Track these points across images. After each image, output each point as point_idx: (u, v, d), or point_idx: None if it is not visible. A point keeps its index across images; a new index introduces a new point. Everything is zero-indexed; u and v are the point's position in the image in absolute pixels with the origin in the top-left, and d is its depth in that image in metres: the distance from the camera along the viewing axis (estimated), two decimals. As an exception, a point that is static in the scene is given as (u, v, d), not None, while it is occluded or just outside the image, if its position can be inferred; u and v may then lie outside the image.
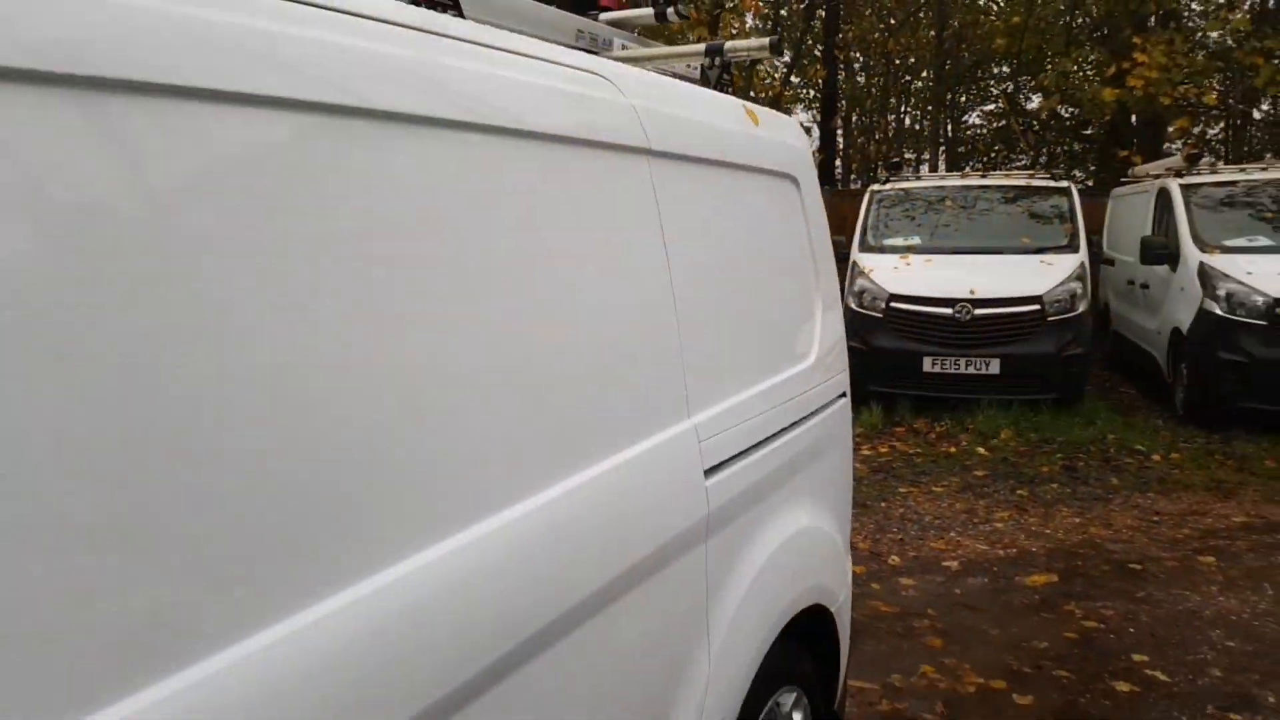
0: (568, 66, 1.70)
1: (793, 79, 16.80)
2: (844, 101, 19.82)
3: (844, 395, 2.79)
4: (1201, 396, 7.97)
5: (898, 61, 20.12)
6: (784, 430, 2.32)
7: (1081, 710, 3.59)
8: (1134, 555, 5.26)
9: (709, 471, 1.95)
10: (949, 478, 6.75)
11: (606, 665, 1.63)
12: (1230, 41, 13.18)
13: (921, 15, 17.96)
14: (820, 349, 2.61)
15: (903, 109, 22.95)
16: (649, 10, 2.76)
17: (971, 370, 8.28)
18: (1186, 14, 15.47)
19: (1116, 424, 8.06)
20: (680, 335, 1.91)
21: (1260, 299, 7.65)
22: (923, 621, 4.37)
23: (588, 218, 1.67)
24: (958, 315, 8.23)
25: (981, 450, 7.42)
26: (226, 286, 1.02)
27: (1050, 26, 15.23)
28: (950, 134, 22.71)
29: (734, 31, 15.42)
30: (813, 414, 2.52)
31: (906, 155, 22.42)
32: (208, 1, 1.03)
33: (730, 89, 2.56)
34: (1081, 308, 8.43)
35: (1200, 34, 14.57)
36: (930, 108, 21.84)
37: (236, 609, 1.01)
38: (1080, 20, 14.66)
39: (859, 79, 20.81)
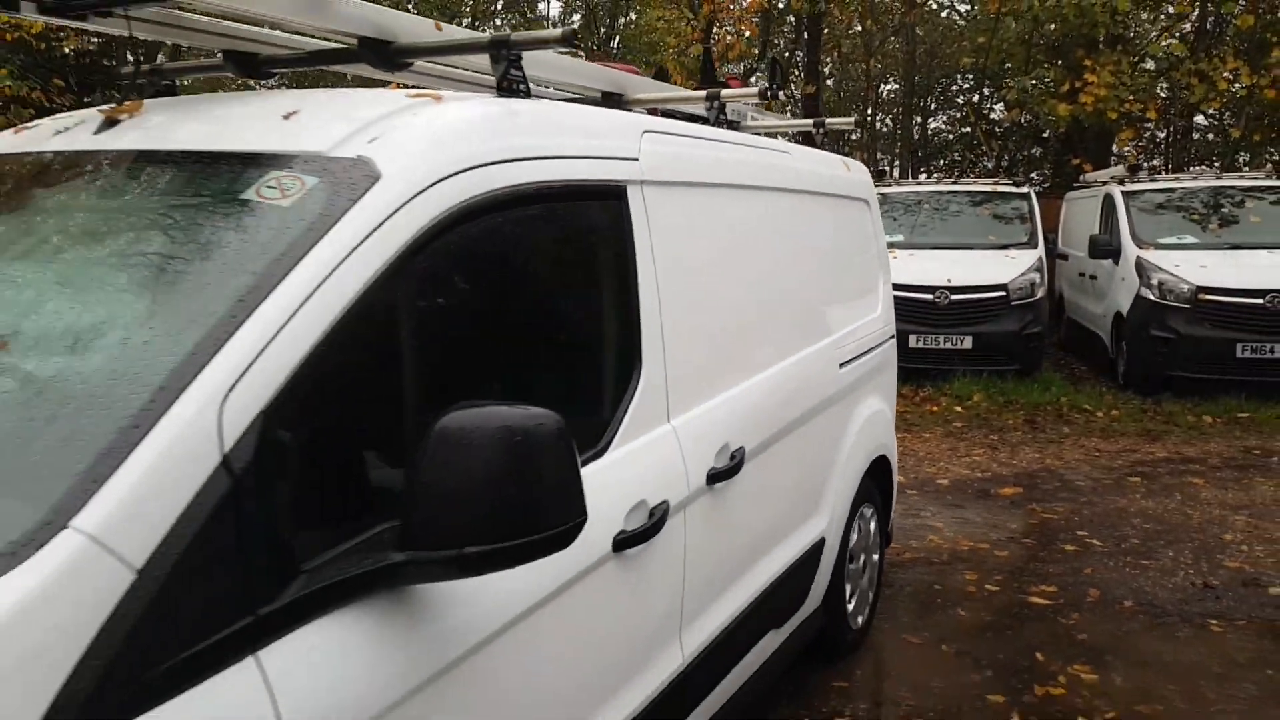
0: (828, 158, 3.38)
1: (781, 95, 18.51)
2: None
3: (893, 336, 4.41)
4: (1138, 367, 9.70)
5: (871, 73, 21.88)
6: (868, 351, 3.95)
7: (1040, 559, 5.24)
8: (1080, 477, 6.95)
9: (841, 365, 3.57)
10: (934, 427, 8.41)
11: (804, 454, 3.25)
12: (1169, 64, 14.95)
13: (894, 37, 19.72)
14: (882, 306, 4.24)
15: (875, 116, 24.71)
16: (754, 89, 4.34)
17: (948, 346, 9.97)
18: (1133, 34, 17.25)
19: (1068, 390, 9.77)
20: (829, 291, 3.53)
21: (1186, 286, 9.37)
22: (925, 514, 6.01)
23: (820, 224, 3.33)
24: (937, 300, 9.90)
25: (959, 409, 9.09)
26: (731, 263, 2.62)
27: (1012, 46, 16.98)
28: (918, 138, 24.48)
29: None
30: (879, 345, 4.15)
31: (878, 156, 24.16)
32: (730, 152, 2.64)
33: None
34: (1040, 294, 10.16)
35: (1143, 56, 16.37)
36: (900, 115, 23.60)
37: (788, 347, 2.62)
38: (1039, 41, 16.39)
39: (831, 87, 22.53)
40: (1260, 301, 9.07)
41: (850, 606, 3.91)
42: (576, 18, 28.11)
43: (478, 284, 1.97)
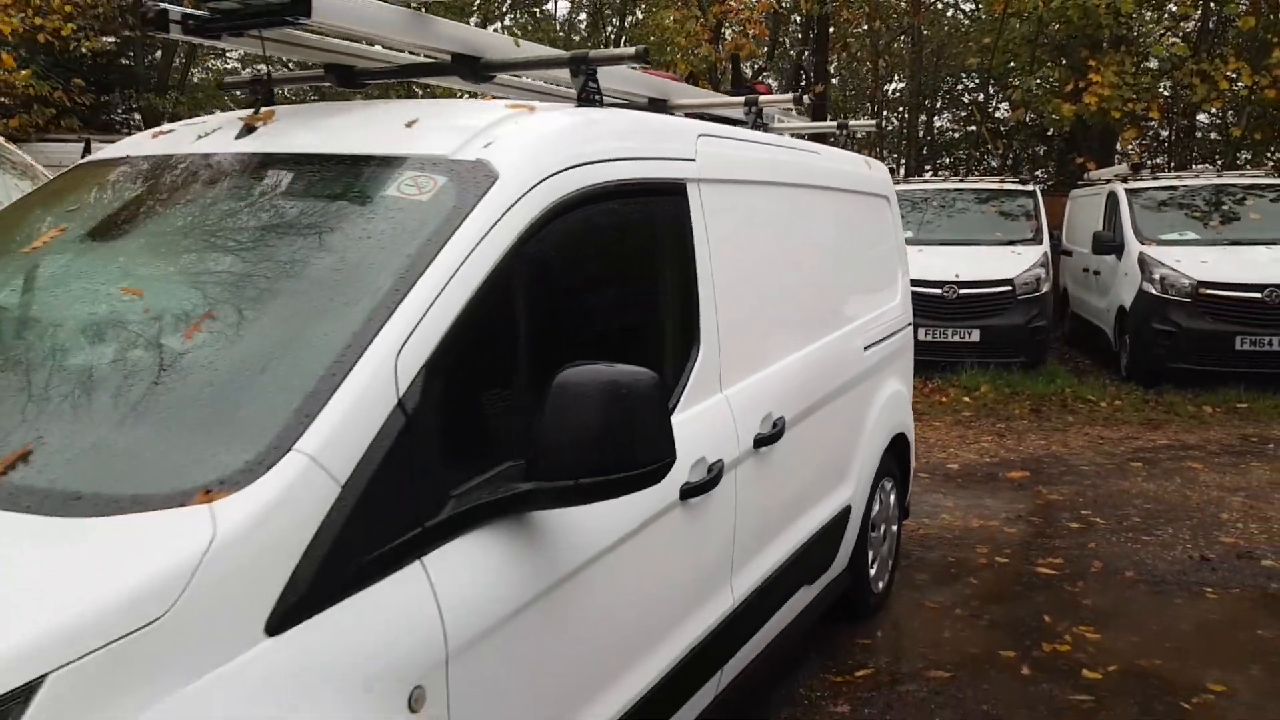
0: (853, 158, 3.72)
1: (806, 99, 18.89)
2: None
3: (910, 324, 4.74)
4: (1140, 359, 10.02)
5: (879, 73, 22.19)
6: (888, 336, 4.28)
7: (1047, 535, 5.58)
8: (1084, 462, 7.28)
9: (865, 348, 3.91)
10: (944, 416, 8.75)
11: (834, 428, 3.59)
12: (1171, 64, 15.24)
13: (901, 37, 20.04)
14: (901, 295, 4.58)
15: (882, 114, 25.01)
16: (788, 96, 4.68)
17: (957, 339, 10.30)
18: (1137, 34, 17.52)
19: (1073, 381, 10.10)
20: (854, 279, 3.87)
21: (1186, 281, 9.68)
22: (939, 495, 6.34)
23: (846, 218, 3.67)
24: (945, 294, 10.23)
25: (967, 399, 9.42)
26: (771, 252, 2.97)
27: (1017, 46, 17.29)
28: (924, 136, 24.79)
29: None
30: (898, 331, 4.48)
31: (884, 154, 24.46)
32: (770, 153, 2.98)
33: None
34: (1045, 289, 10.50)
35: (1146, 56, 16.67)
36: (906, 113, 23.91)
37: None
38: (1044, 41, 16.70)
39: (837, 86, 22.83)
40: (1259, 296, 9.38)
41: (873, 571, 4.25)
42: (583, 16, 28.50)
43: (573, 266, 2.31)
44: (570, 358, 1.92)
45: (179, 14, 2.44)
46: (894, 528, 4.56)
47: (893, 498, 4.45)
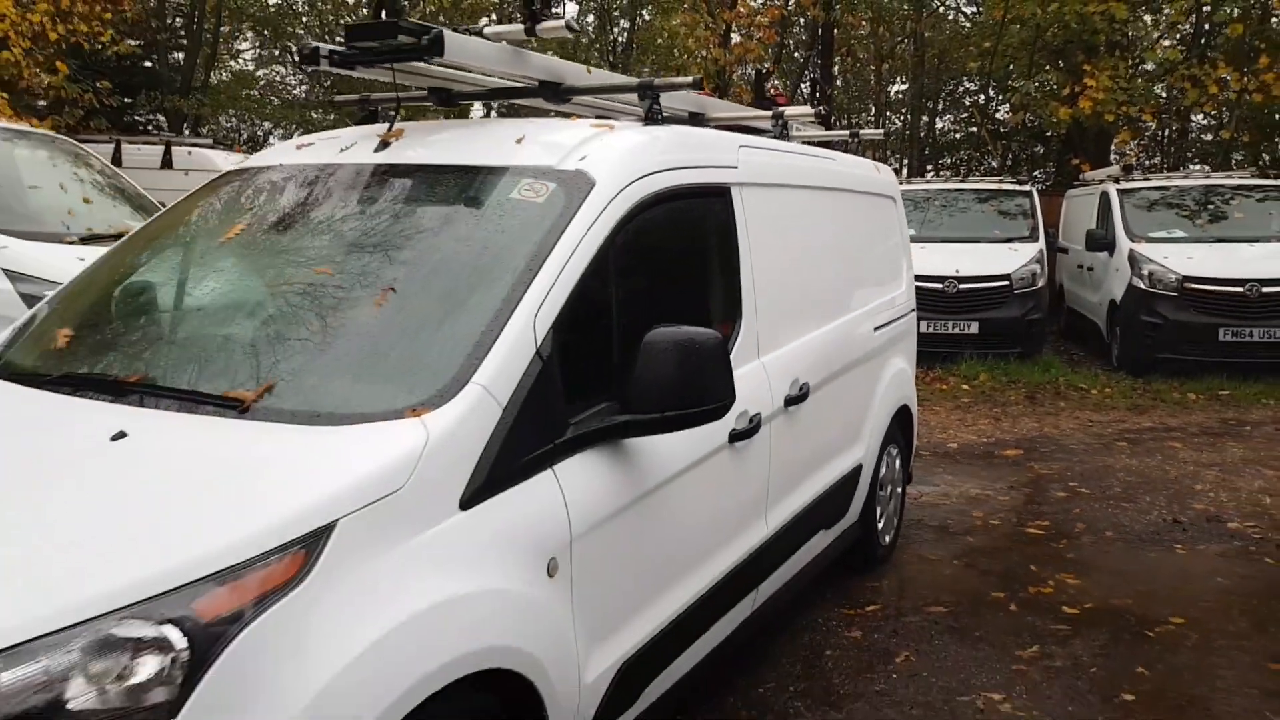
0: (859, 163, 4.33)
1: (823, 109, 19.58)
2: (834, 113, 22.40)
3: (914, 310, 5.35)
4: (1130, 350, 10.63)
5: (882, 76, 22.81)
6: (894, 320, 4.89)
7: (1036, 503, 6.18)
8: (1073, 441, 7.88)
9: (875, 329, 4.52)
10: (944, 402, 9.35)
11: (850, 395, 4.20)
12: (1164, 68, 15.83)
13: (903, 42, 20.67)
14: (905, 284, 5.18)
15: (885, 114, 25.62)
16: (810, 110, 5.27)
17: (956, 330, 10.91)
18: (1132, 36, 18.09)
19: (1066, 371, 10.71)
20: (865, 269, 4.48)
21: (1173, 276, 10.29)
22: (939, 470, 6.95)
23: (859, 216, 4.28)
24: (946, 289, 10.83)
25: (966, 387, 10.03)
26: (797, 243, 3.58)
27: (1016, 50, 17.89)
28: (926, 137, 25.38)
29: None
30: (903, 316, 5.09)
31: (889, 154, 25.05)
32: (796, 160, 3.59)
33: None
34: (1040, 283, 11.11)
35: (1141, 61, 17.27)
36: (908, 114, 24.51)
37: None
38: (1041, 46, 17.29)
39: (841, 87, 23.42)
40: (1241, 290, 9.98)
41: (880, 525, 4.85)
42: (590, 18, 29.07)
43: (650, 252, 2.91)
44: (651, 323, 2.53)
45: (327, 51, 3.05)
46: (899, 489, 5.16)
47: (898, 463, 5.06)
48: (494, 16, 22.24)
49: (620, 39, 28.72)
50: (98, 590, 1.63)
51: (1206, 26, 17.92)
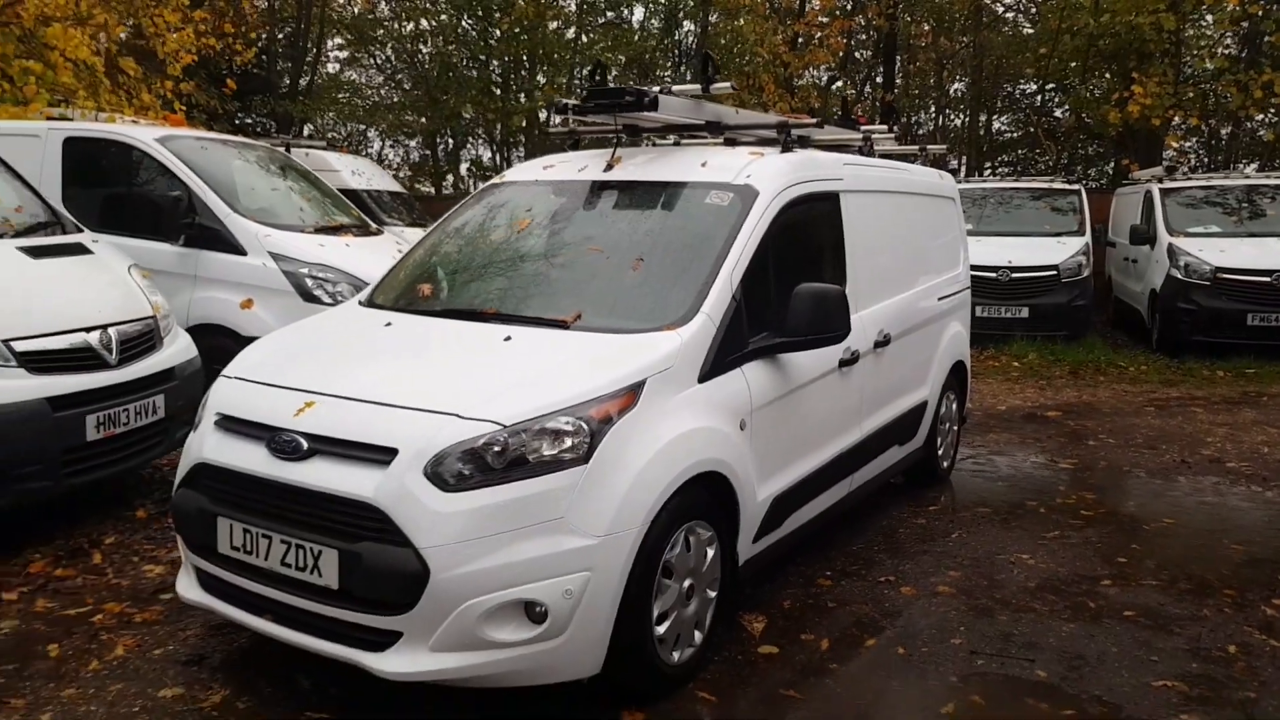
0: (927, 172, 5.82)
1: (862, 101, 20.82)
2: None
3: (969, 287, 6.78)
4: (1167, 334, 11.89)
5: (942, 80, 24.02)
6: (954, 293, 6.34)
7: (1071, 448, 7.58)
8: (1108, 407, 9.23)
9: (939, 299, 5.99)
10: (996, 376, 10.72)
11: (920, 347, 5.68)
12: (1211, 75, 16.93)
13: (961, 48, 21.92)
14: (962, 266, 6.62)
15: (944, 112, 26.76)
16: (891, 132, 6.69)
17: (1009, 315, 12.26)
18: (1188, 34, 19.03)
19: (1108, 352, 12.00)
20: (931, 253, 5.95)
21: (1206, 267, 11.52)
22: (989, 424, 8.36)
23: (927, 213, 5.77)
24: (1000, 278, 12.17)
25: (1016, 364, 11.37)
26: (883, 233, 5.07)
27: (1071, 56, 19.04)
28: (983, 136, 26.49)
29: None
30: (960, 291, 6.53)
31: (948, 153, 26.17)
32: (882, 171, 5.09)
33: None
34: (1086, 274, 12.42)
35: (1190, 68, 18.33)
36: (967, 115, 25.66)
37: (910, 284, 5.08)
38: (1095, 53, 18.42)
39: (901, 84, 24.60)
40: (1268, 280, 11.18)
41: (940, 452, 6.31)
42: (655, 21, 30.58)
43: (792, 238, 4.41)
44: (793, 282, 4.04)
45: (572, 104, 4.61)
46: (954, 427, 6.61)
47: (954, 405, 6.51)
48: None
49: (685, 40, 29.96)
50: (546, 401, 3.19)
51: (1256, 37, 18.92)
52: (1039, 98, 22.66)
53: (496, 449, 3.11)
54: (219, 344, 6.33)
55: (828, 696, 3.62)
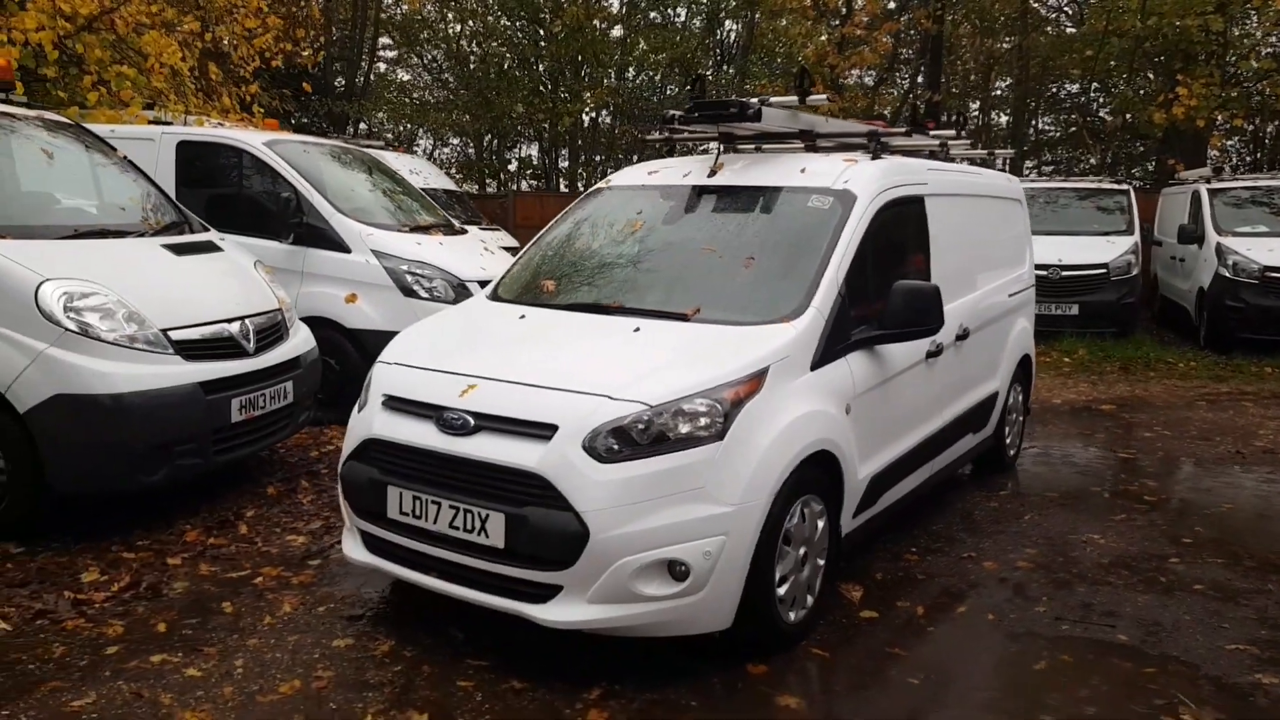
0: (996, 175, 6.18)
1: (907, 101, 21.08)
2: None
3: (1033, 285, 7.11)
4: (1215, 331, 12.12)
5: (989, 82, 24.22)
6: (1021, 290, 6.68)
7: (1127, 438, 7.89)
8: (1159, 401, 9.51)
9: (1009, 295, 6.34)
10: (1048, 371, 11.01)
11: (992, 340, 6.03)
12: (1258, 76, 17.06)
13: (1007, 47, 22.16)
14: (1028, 264, 6.96)
15: (990, 111, 26.92)
16: (965, 139, 7.02)
17: (1059, 312, 12.54)
18: (1238, 32, 19.12)
19: (1157, 349, 12.25)
20: (1001, 252, 6.31)
21: (1255, 265, 11.74)
22: (1046, 416, 8.68)
23: (998, 214, 6.13)
24: (1050, 275, 12.44)
25: (1067, 360, 11.65)
26: (961, 232, 5.44)
27: (1117, 57, 19.21)
28: (1027, 134, 26.64)
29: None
30: (1026, 289, 6.87)
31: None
32: (959, 176, 5.45)
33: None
34: (1134, 272, 12.68)
35: (1234, 70, 18.44)
36: (1011, 114, 25.82)
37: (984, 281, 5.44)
38: (1142, 55, 18.60)
39: (945, 81, 24.79)
40: (1316, 278, 11.40)
41: (1008, 441, 6.66)
42: (697, 21, 30.94)
43: (886, 237, 4.78)
44: (889, 279, 4.41)
45: (676, 115, 5.01)
46: (1020, 418, 6.95)
47: (1021, 398, 6.85)
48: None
49: (728, 39, 30.19)
50: (684, 384, 3.60)
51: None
52: (1083, 97, 22.83)
53: (641, 426, 3.52)
54: (325, 336, 6.80)
55: (929, 654, 4.00)
